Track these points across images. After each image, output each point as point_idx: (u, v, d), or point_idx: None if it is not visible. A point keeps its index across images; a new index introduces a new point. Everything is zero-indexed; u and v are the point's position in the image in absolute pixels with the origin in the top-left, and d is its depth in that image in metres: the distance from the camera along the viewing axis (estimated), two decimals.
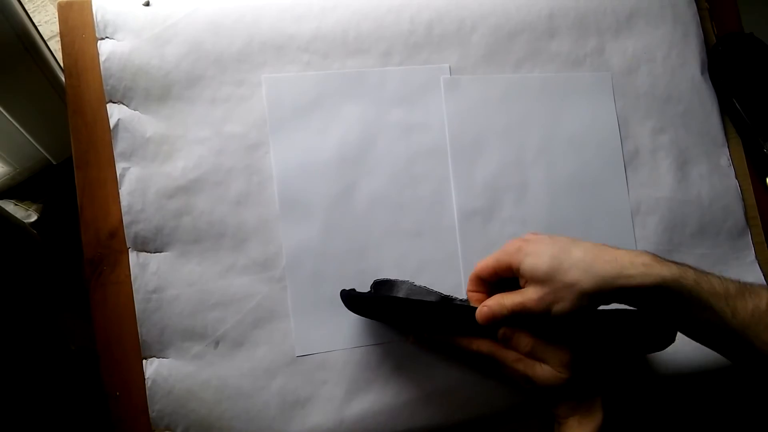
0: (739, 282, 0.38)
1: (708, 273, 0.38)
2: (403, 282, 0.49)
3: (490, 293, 0.45)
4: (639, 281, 0.36)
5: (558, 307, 0.38)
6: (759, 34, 0.63)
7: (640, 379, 0.54)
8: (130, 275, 0.49)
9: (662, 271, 0.36)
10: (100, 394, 0.48)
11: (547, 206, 0.55)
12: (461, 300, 0.48)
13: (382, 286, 0.49)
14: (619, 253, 0.38)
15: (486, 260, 0.44)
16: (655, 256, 0.38)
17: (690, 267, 0.38)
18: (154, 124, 0.50)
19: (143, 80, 0.50)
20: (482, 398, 0.52)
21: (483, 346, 0.44)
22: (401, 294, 0.48)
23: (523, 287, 0.41)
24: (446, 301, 0.48)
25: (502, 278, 0.44)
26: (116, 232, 0.49)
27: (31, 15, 0.61)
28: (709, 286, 0.37)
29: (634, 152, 0.58)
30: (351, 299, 0.47)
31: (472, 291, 0.47)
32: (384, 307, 0.47)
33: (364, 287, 0.49)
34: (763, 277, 0.59)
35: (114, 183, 0.50)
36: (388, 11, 0.55)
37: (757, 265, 0.59)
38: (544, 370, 0.41)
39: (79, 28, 0.51)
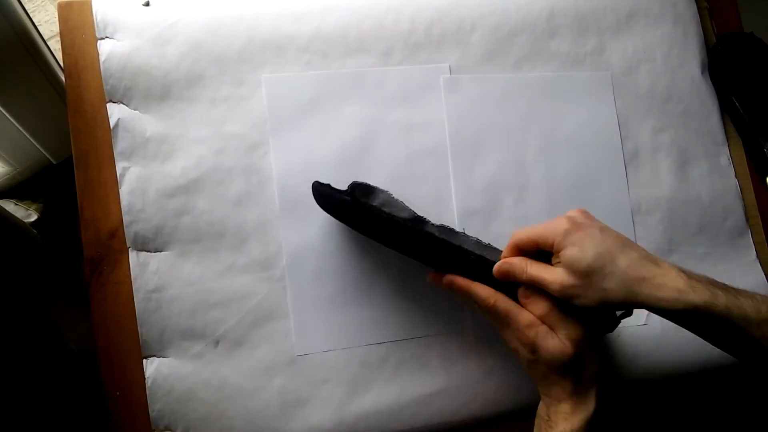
0: None
1: (741, 293, 0.38)
2: (381, 191, 0.48)
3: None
4: (668, 305, 0.37)
5: (579, 302, 0.39)
6: (759, 34, 0.63)
7: (639, 378, 0.54)
8: (130, 275, 0.49)
9: (694, 299, 0.36)
10: (100, 394, 0.48)
11: (547, 206, 0.55)
12: (437, 226, 0.47)
13: (359, 188, 0.48)
14: (657, 271, 0.38)
15: (528, 231, 0.42)
16: (690, 279, 0.37)
17: (723, 290, 0.37)
18: (154, 124, 0.50)
19: (143, 80, 0.50)
20: (483, 398, 0.52)
21: (501, 300, 0.42)
22: (377, 202, 0.48)
23: (554, 264, 0.40)
24: (417, 221, 0.47)
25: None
26: (116, 232, 0.49)
27: (31, 15, 0.61)
28: (740, 311, 0.36)
29: (634, 152, 0.58)
30: (323, 196, 0.46)
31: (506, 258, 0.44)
32: (354, 214, 0.47)
33: (366, 289, 0.49)
34: (764, 277, 0.59)
35: (114, 183, 0.50)
36: (387, 11, 0.55)
37: (759, 264, 0.59)
38: (554, 341, 0.40)
39: (79, 28, 0.51)
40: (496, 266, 0.43)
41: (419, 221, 0.47)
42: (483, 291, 0.43)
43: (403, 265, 0.52)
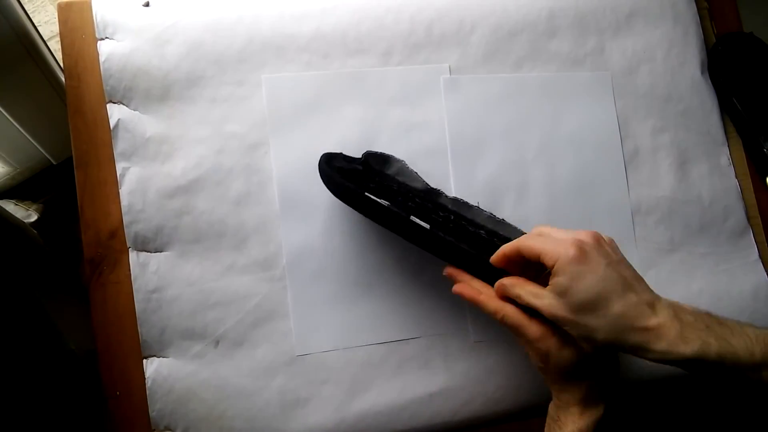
0: None
1: (736, 333, 0.37)
2: (397, 160, 0.47)
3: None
4: (656, 356, 0.36)
5: (568, 330, 0.38)
6: (759, 34, 0.63)
7: (639, 378, 0.54)
8: (130, 275, 0.49)
9: (684, 351, 0.35)
10: (100, 394, 0.48)
11: (547, 206, 0.55)
12: (451, 198, 0.46)
13: (372, 157, 0.47)
14: (652, 322, 0.36)
15: (533, 244, 0.40)
16: (684, 326, 0.36)
17: (717, 332, 0.36)
18: (154, 124, 0.50)
19: (143, 80, 0.50)
20: (483, 398, 0.52)
21: (510, 315, 0.41)
22: (391, 171, 0.47)
23: (549, 282, 0.39)
24: (431, 192, 0.46)
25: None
26: (116, 232, 0.49)
27: (30, 15, 0.61)
28: (733, 357, 0.35)
29: (634, 152, 0.58)
30: (330, 170, 0.45)
31: (505, 254, 0.42)
32: (363, 188, 0.45)
33: (366, 289, 0.49)
34: (766, 276, 0.59)
35: (114, 183, 0.50)
36: (387, 11, 0.55)
37: (761, 264, 0.59)
38: (564, 352, 0.40)
39: (79, 29, 0.51)
40: (495, 287, 0.42)
41: (433, 192, 0.46)
42: (491, 305, 0.42)
43: (404, 265, 0.52)
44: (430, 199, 0.45)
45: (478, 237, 0.44)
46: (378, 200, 0.44)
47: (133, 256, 0.49)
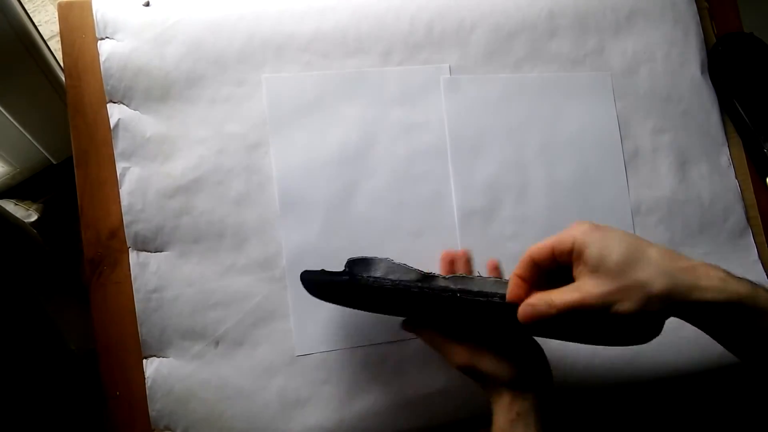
0: None
1: None
2: (381, 260, 0.44)
3: (535, 283, 0.39)
4: (713, 296, 0.33)
5: (622, 307, 0.33)
6: (759, 34, 0.63)
7: (640, 378, 0.54)
8: (130, 275, 0.49)
9: (738, 288, 0.33)
10: (100, 394, 0.48)
11: (547, 206, 0.55)
12: (449, 278, 0.44)
13: (357, 264, 0.43)
14: (695, 262, 0.34)
15: (545, 243, 0.37)
16: (728, 272, 0.34)
17: (763, 287, 0.34)
18: (154, 124, 0.50)
19: (143, 80, 0.50)
20: (483, 398, 0.52)
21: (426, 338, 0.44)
22: (379, 273, 0.43)
23: (576, 277, 0.36)
24: (426, 279, 0.43)
25: (556, 267, 0.38)
26: (116, 232, 0.49)
27: (31, 15, 0.61)
28: None
29: (634, 152, 0.58)
30: (315, 283, 0.43)
31: (519, 276, 0.39)
32: (355, 292, 0.43)
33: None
34: (766, 277, 0.59)
35: (114, 183, 0.50)
36: (387, 11, 0.55)
37: (761, 264, 0.59)
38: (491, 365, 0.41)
39: (79, 29, 0.51)
40: (520, 313, 0.37)
41: (429, 278, 0.43)
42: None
43: None
44: (428, 285, 0.43)
45: (492, 304, 0.41)
46: (387, 279, 0.42)
47: (133, 256, 0.49)
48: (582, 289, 0.34)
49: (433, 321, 0.45)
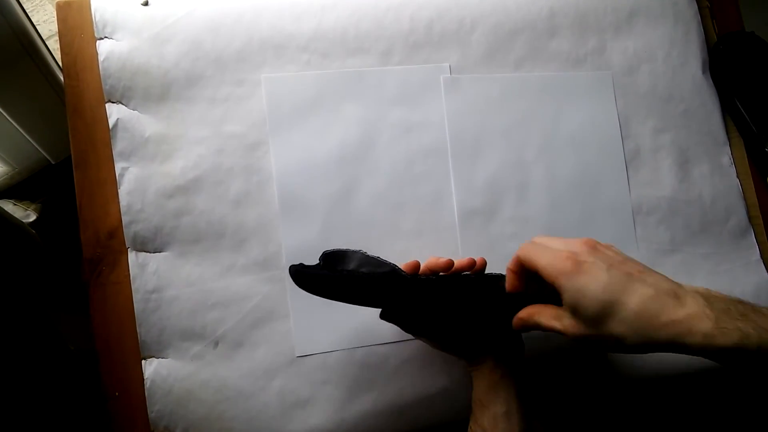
0: None
1: None
2: (354, 252, 0.44)
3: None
4: (694, 351, 0.32)
5: (596, 348, 0.37)
6: (760, 33, 0.63)
7: (640, 378, 0.54)
8: (129, 275, 0.48)
9: (724, 342, 0.32)
10: (100, 395, 0.48)
11: (547, 206, 0.55)
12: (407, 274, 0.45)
13: (331, 257, 0.44)
14: (679, 312, 0.33)
15: (533, 256, 0.38)
16: (718, 316, 0.32)
17: (754, 320, 0.32)
18: (153, 124, 0.50)
19: (142, 80, 0.50)
20: None
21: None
22: (352, 265, 0.44)
23: (563, 303, 0.37)
24: (400, 272, 0.44)
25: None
26: (115, 232, 0.49)
27: (29, 14, 0.61)
28: None
29: (635, 152, 0.58)
30: (301, 276, 0.44)
31: (512, 270, 0.41)
32: (335, 285, 0.44)
33: None
34: None
35: (113, 183, 0.49)
36: (387, 10, 0.55)
37: (762, 263, 0.59)
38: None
39: (77, 28, 0.51)
40: (514, 321, 0.40)
41: (402, 271, 0.44)
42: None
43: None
44: (400, 280, 0.44)
45: (468, 281, 0.44)
46: (359, 272, 0.43)
47: (132, 256, 0.49)
48: (563, 321, 0.36)
49: (408, 310, 0.45)
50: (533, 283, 0.40)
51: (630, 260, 0.37)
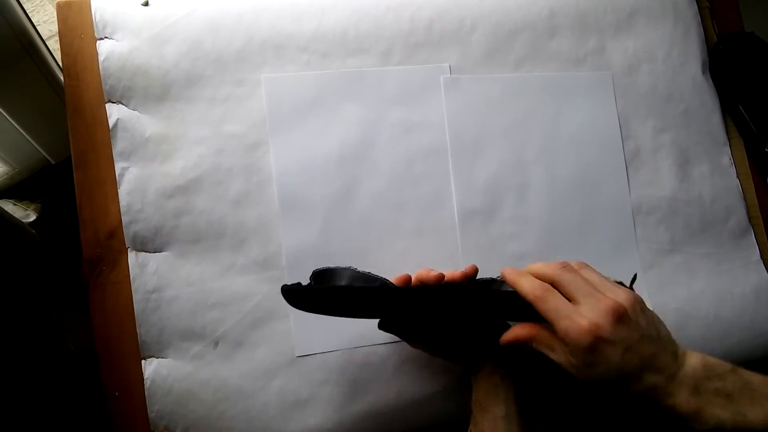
0: None
1: (757, 404, 0.35)
2: (344, 269, 0.45)
3: None
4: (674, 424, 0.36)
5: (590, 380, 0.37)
6: (760, 33, 0.63)
7: None
8: (129, 275, 0.48)
9: (699, 427, 0.35)
10: (99, 395, 0.48)
11: (547, 206, 0.55)
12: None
13: (322, 276, 0.45)
14: (668, 390, 0.35)
15: (553, 317, 0.36)
16: (701, 400, 0.35)
17: (735, 409, 0.35)
18: (153, 124, 0.50)
19: (142, 80, 0.50)
20: None
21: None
22: (344, 282, 0.44)
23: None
24: (386, 288, 0.44)
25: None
26: (115, 232, 0.49)
27: (29, 14, 0.61)
28: (747, 429, 0.35)
29: (635, 152, 0.58)
30: (293, 295, 0.44)
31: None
32: (334, 300, 0.44)
33: None
34: None
35: (113, 183, 0.49)
36: (387, 10, 0.55)
37: (762, 264, 0.59)
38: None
39: (77, 28, 0.51)
40: (502, 340, 0.41)
41: (393, 285, 0.45)
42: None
43: (404, 266, 0.52)
44: (392, 293, 0.44)
45: (459, 285, 0.44)
46: (352, 288, 0.43)
47: (132, 256, 0.49)
48: (557, 350, 0.37)
49: (403, 321, 0.45)
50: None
51: (647, 337, 0.36)
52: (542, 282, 0.38)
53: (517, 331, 0.40)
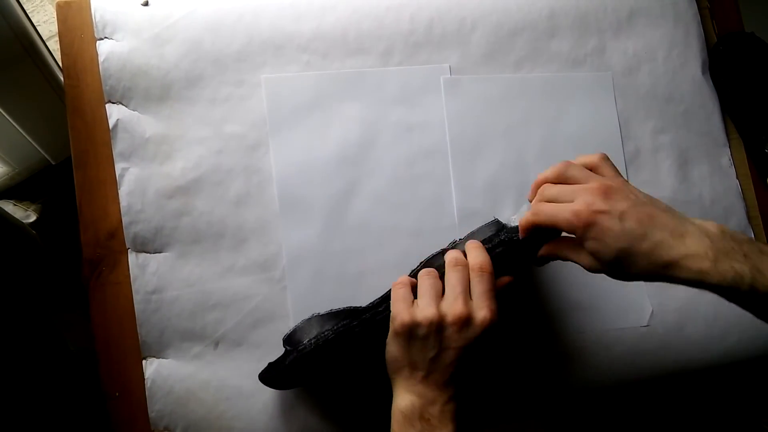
0: None
1: None
2: (308, 319, 0.46)
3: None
4: (692, 286, 0.36)
5: (612, 276, 0.39)
6: (760, 34, 0.63)
7: (641, 378, 0.54)
8: (129, 276, 0.49)
9: (718, 280, 0.35)
10: (100, 395, 0.48)
11: None
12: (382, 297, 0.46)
13: (292, 338, 0.46)
14: (682, 251, 0.36)
15: (546, 217, 0.40)
16: (718, 255, 0.36)
17: (753, 262, 0.36)
18: (153, 125, 0.50)
19: (142, 80, 0.50)
20: (481, 400, 0.52)
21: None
22: (315, 332, 0.45)
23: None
24: (356, 310, 0.46)
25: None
26: (115, 233, 0.49)
27: (29, 15, 0.61)
28: (765, 288, 0.35)
29: (635, 152, 0.58)
30: (276, 378, 0.45)
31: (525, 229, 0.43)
32: (318, 363, 0.45)
33: (365, 290, 0.49)
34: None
35: (113, 183, 0.49)
36: (388, 10, 0.55)
37: None
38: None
39: (77, 28, 0.51)
40: (538, 255, 0.44)
41: (358, 309, 0.46)
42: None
43: (404, 266, 0.52)
44: (362, 313, 0.45)
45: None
46: (321, 334, 0.44)
47: (132, 256, 0.49)
48: (582, 257, 0.40)
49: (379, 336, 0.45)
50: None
51: (640, 203, 0.38)
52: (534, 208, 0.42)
53: (547, 248, 0.43)
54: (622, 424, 0.57)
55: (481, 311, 0.41)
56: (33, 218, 0.79)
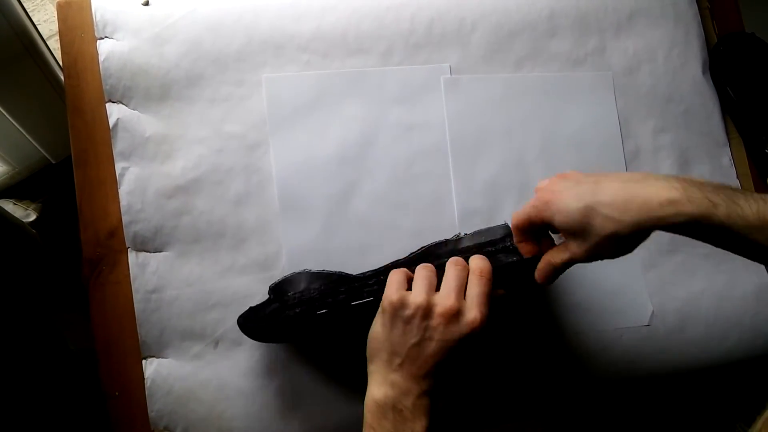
0: None
1: (746, 196, 0.36)
2: (299, 273, 0.46)
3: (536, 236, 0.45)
4: (670, 221, 0.36)
5: (607, 255, 0.40)
6: (760, 34, 0.63)
7: (641, 378, 0.54)
8: (129, 275, 0.49)
9: (691, 210, 0.35)
10: (100, 394, 0.48)
11: None
12: (375, 270, 0.46)
13: (279, 288, 0.46)
14: (649, 191, 0.37)
15: (520, 214, 0.44)
16: (686, 186, 0.36)
17: (724, 195, 0.36)
18: (153, 124, 0.50)
19: (143, 80, 0.50)
20: (484, 398, 0.52)
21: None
22: (302, 286, 0.45)
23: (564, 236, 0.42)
24: (348, 277, 0.45)
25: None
26: (115, 232, 0.49)
27: (30, 14, 0.61)
28: (741, 219, 0.35)
29: (635, 152, 0.58)
30: (255, 323, 0.45)
31: (520, 242, 0.45)
32: (294, 321, 0.44)
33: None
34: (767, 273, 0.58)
35: (113, 182, 0.49)
36: (388, 10, 0.55)
37: (763, 264, 0.59)
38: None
39: (78, 28, 0.51)
40: (537, 275, 0.44)
41: (350, 277, 0.46)
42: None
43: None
44: (352, 281, 0.45)
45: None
46: (307, 290, 0.45)
47: (132, 256, 0.49)
48: (569, 249, 0.41)
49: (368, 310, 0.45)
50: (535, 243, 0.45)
51: (598, 173, 0.40)
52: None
53: (539, 267, 0.44)
54: (622, 423, 0.57)
55: (472, 311, 0.40)
56: (33, 217, 0.79)
